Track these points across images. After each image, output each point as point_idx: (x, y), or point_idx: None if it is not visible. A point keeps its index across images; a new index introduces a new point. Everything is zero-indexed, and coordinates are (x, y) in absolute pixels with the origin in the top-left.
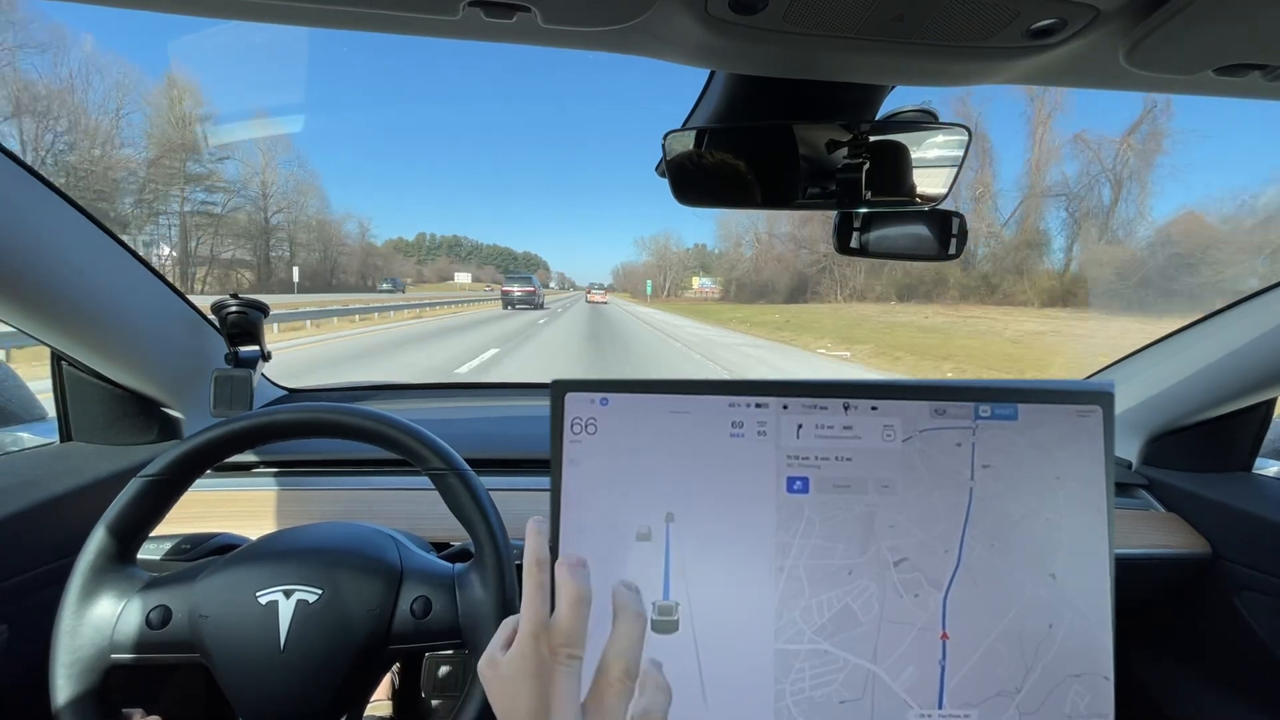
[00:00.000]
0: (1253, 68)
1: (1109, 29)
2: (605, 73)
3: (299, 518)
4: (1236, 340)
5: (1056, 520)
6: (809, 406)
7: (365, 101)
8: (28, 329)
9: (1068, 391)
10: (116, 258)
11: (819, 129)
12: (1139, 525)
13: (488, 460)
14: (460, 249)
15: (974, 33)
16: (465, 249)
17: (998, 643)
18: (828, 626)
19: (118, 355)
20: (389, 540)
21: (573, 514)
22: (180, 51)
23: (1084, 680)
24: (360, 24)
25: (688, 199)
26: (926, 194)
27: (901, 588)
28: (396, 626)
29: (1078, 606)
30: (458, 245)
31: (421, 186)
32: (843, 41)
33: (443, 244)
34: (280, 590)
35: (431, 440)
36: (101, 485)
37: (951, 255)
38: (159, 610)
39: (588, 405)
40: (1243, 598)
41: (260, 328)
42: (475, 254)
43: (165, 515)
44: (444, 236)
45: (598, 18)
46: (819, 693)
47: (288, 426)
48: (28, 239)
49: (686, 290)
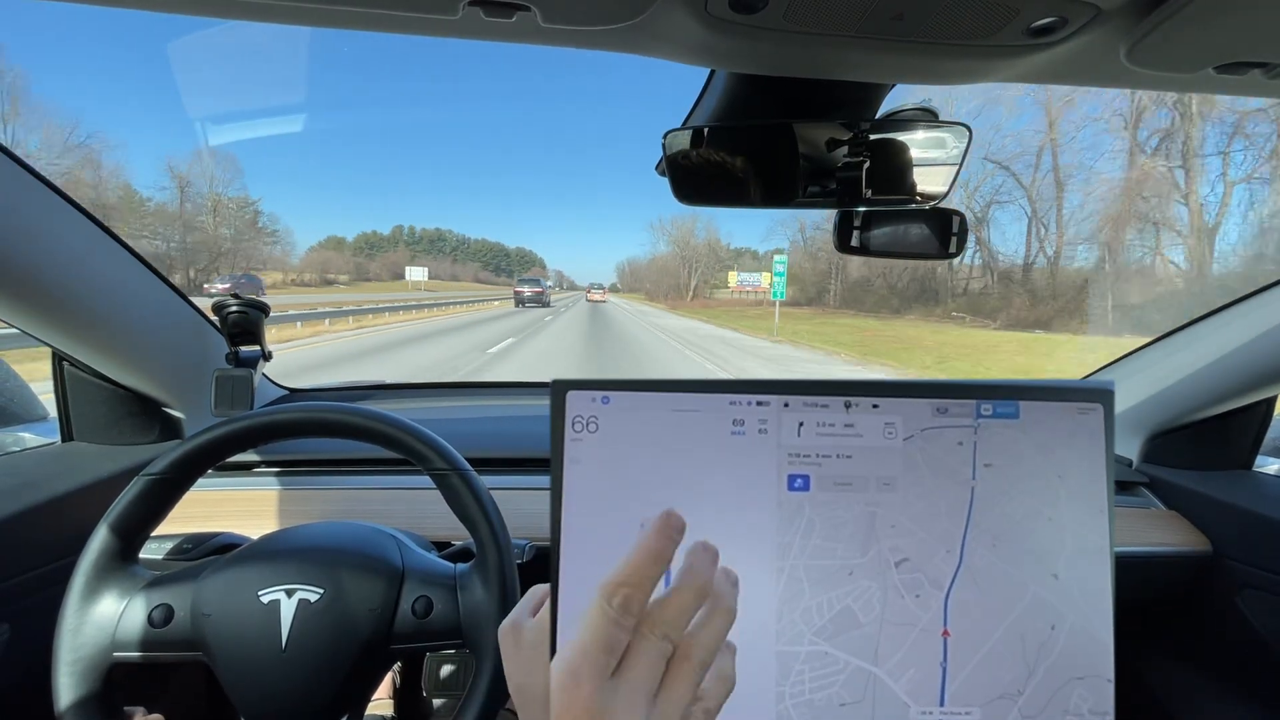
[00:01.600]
0: (1253, 65)
1: (1110, 27)
2: (605, 71)
3: (300, 517)
4: (1236, 338)
5: (1059, 519)
6: (810, 405)
7: (352, 99)
8: (30, 329)
9: (1068, 389)
10: (117, 258)
11: (819, 127)
12: (1140, 523)
13: (489, 459)
14: (444, 244)
15: (974, 31)
16: (450, 243)
17: (1000, 644)
18: (828, 628)
19: (119, 355)
20: (390, 540)
21: (574, 512)
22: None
23: (1087, 683)
24: (360, 24)
25: (688, 198)
26: (927, 193)
27: (903, 588)
28: (398, 626)
29: (1080, 607)
30: (440, 240)
31: (406, 178)
32: (843, 40)
33: (423, 238)
34: (282, 589)
35: (433, 440)
36: (103, 485)
37: (951, 254)
38: (161, 609)
39: (589, 404)
40: (1244, 595)
41: (261, 327)
42: (462, 249)
43: (167, 514)
44: (426, 230)
45: (598, 17)
46: (819, 695)
47: (289, 426)
48: (29, 239)
49: (720, 290)
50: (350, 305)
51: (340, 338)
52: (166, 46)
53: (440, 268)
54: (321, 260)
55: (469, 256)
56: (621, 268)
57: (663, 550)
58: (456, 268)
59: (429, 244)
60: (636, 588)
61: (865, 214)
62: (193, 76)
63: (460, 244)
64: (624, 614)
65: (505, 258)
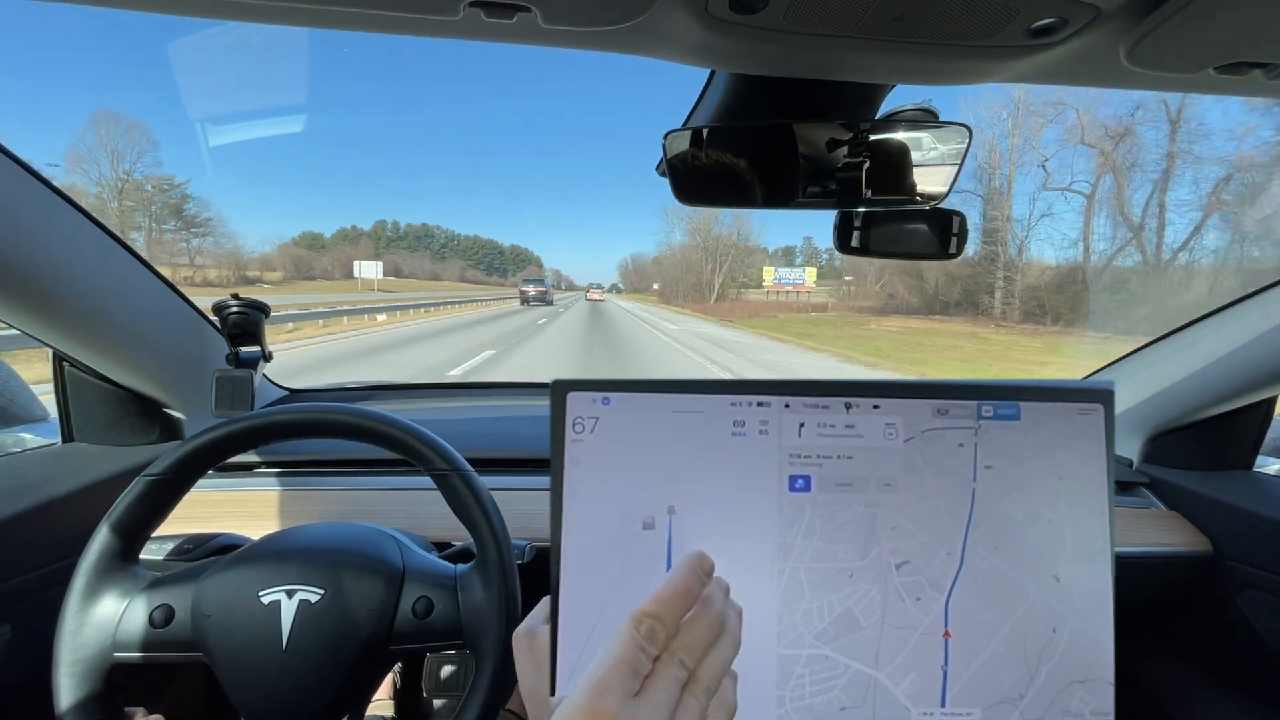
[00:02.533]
0: (1254, 65)
1: (1110, 27)
2: (602, 69)
3: (301, 518)
4: (1237, 338)
5: (1059, 521)
6: (810, 405)
7: (335, 98)
8: (30, 330)
9: (1069, 390)
10: (118, 259)
11: (819, 128)
12: (1140, 524)
13: (489, 460)
14: (431, 240)
15: (974, 32)
16: (439, 240)
17: (1001, 647)
18: (828, 631)
19: (119, 356)
20: (391, 540)
21: (574, 513)
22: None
23: (1088, 686)
24: (360, 24)
25: (688, 198)
26: (927, 193)
27: (903, 591)
28: (398, 626)
29: (1081, 610)
30: (428, 236)
31: (394, 176)
32: (843, 41)
33: (408, 234)
34: (283, 590)
35: (433, 440)
36: (103, 486)
37: (952, 254)
38: (162, 609)
39: (589, 404)
40: (1244, 596)
41: (261, 328)
42: (451, 247)
43: (168, 515)
44: (412, 225)
45: (598, 17)
46: (819, 699)
47: (290, 427)
48: (29, 240)
49: (749, 290)
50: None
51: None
52: (51, 4)
53: (418, 265)
54: (295, 257)
55: (459, 254)
56: (625, 265)
57: (691, 588)
58: (439, 266)
59: (415, 240)
60: (663, 620)
61: (865, 214)
62: (170, 70)
63: (450, 241)
64: (650, 642)
65: (499, 255)
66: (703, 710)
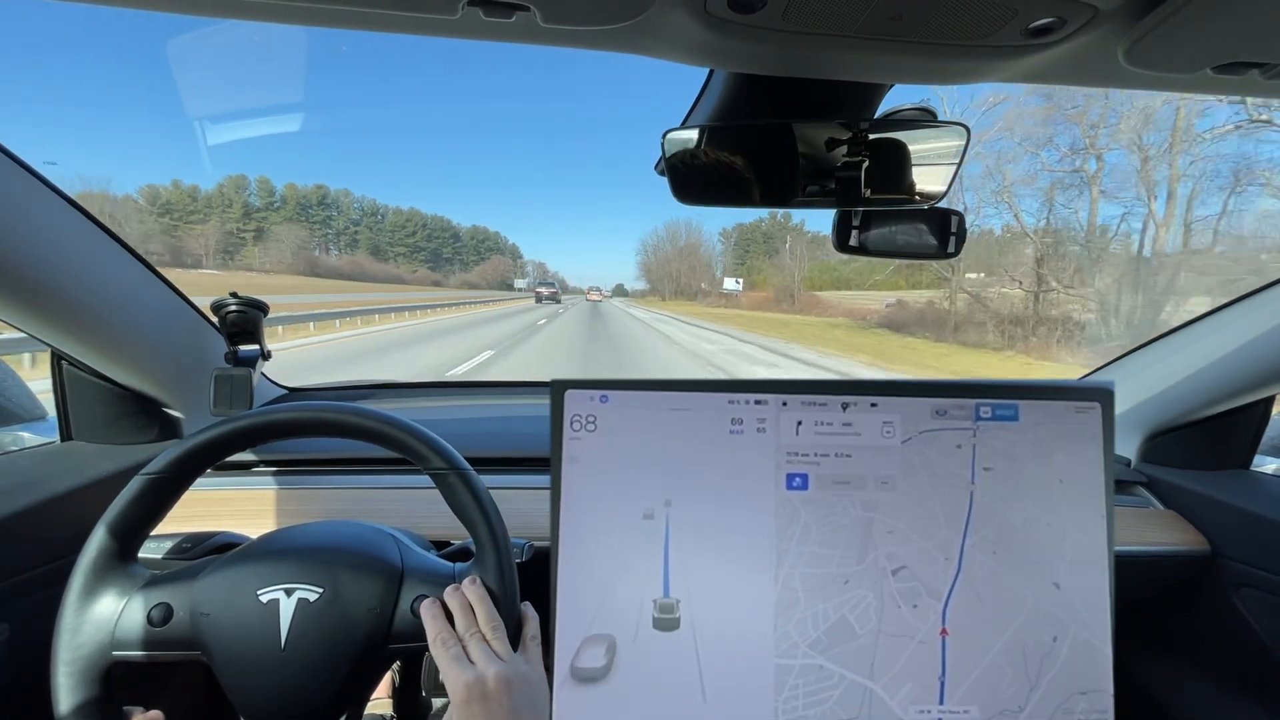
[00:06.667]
0: (1251, 65)
1: (1108, 27)
2: (607, 68)
3: (299, 516)
4: (1235, 338)
5: (1059, 526)
6: (808, 404)
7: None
8: (28, 329)
9: (1068, 389)
10: (116, 257)
11: (818, 127)
12: (1138, 523)
13: (488, 459)
14: (325, 211)
15: (973, 31)
16: (349, 215)
17: (1000, 656)
18: (823, 640)
19: (118, 354)
20: (389, 539)
21: (573, 510)
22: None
23: (1090, 697)
24: (360, 24)
25: (687, 198)
26: (925, 192)
27: (900, 598)
28: (397, 625)
29: (1083, 618)
30: (322, 205)
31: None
32: (841, 40)
33: (288, 200)
34: (281, 589)
35: (432, 439)
36: (102, 484)
37: (950, 254)
38: (160, 608)
39: (587, 403)
40: (1242, 595)
41: (260, 326)
42: (371, 226)
43: (166, 514)
44: (296, 188)
45: (597, 17)
46: (812, 711)
47: (288, 425)
48: (27, 238)
49: (825, 291)
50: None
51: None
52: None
53: (273, 255)
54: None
55: (389, 238)
56: (645, 245)
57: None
58: (325, 258)
59: (299, 209)
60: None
61: (864, 214)
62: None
63: (368, 216)
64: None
65: (453, 239)
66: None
